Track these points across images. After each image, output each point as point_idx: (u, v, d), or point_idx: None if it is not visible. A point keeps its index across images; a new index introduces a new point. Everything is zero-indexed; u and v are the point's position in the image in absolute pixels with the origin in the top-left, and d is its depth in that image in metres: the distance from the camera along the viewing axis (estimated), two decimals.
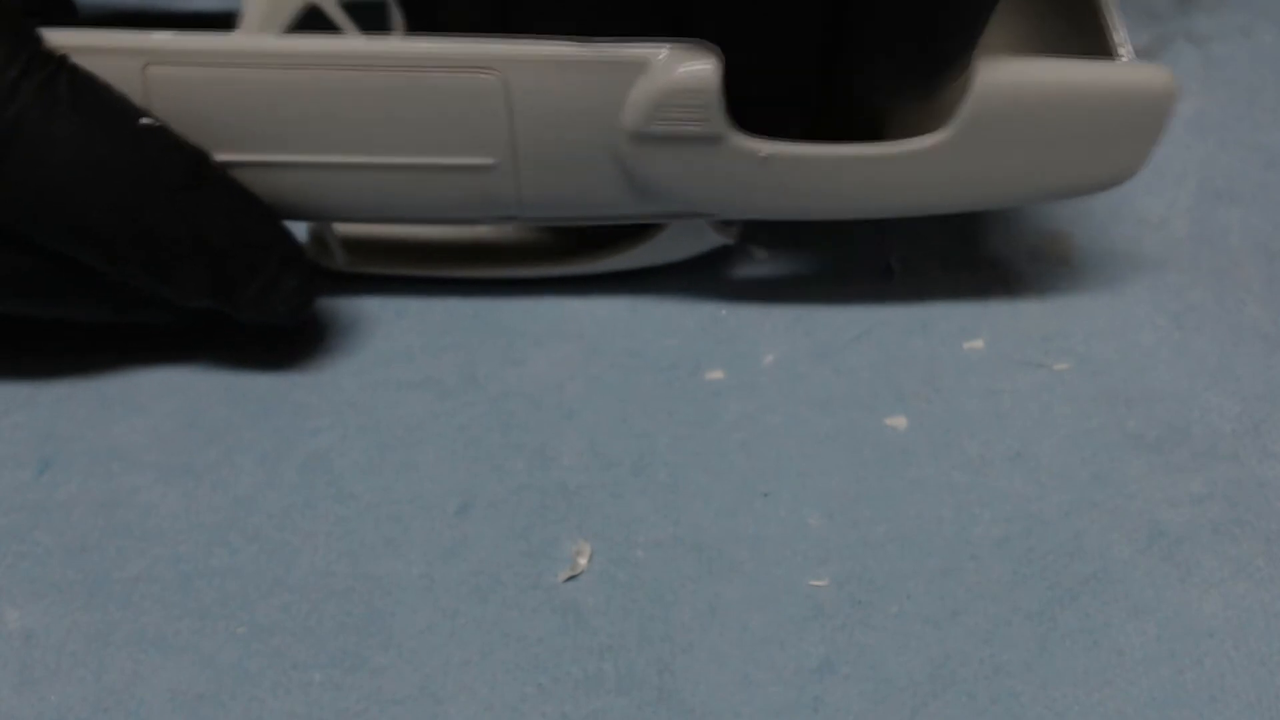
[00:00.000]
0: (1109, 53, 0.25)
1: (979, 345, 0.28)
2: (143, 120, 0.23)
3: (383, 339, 0.28)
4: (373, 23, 0.30)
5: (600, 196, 0.25)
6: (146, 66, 0.23)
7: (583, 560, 0.24)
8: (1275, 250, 0.29)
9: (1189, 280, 0.29)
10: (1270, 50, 0.34)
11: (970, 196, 0.25)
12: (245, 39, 0.23)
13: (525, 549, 0.24)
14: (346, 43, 0.23)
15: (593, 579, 0.24)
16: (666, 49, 0.23)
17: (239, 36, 0.24)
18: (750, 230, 0.30)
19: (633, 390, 0.27)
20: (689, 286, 0.29)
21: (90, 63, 0.23)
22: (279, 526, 0.25)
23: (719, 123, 0.24)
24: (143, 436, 0.26)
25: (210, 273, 0.24)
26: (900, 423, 0.26)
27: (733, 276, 0.29)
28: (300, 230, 0.28)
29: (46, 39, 0.23)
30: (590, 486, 0.25)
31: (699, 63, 0.23)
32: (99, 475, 0.25)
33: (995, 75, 0.24)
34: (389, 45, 0.23)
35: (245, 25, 0.27)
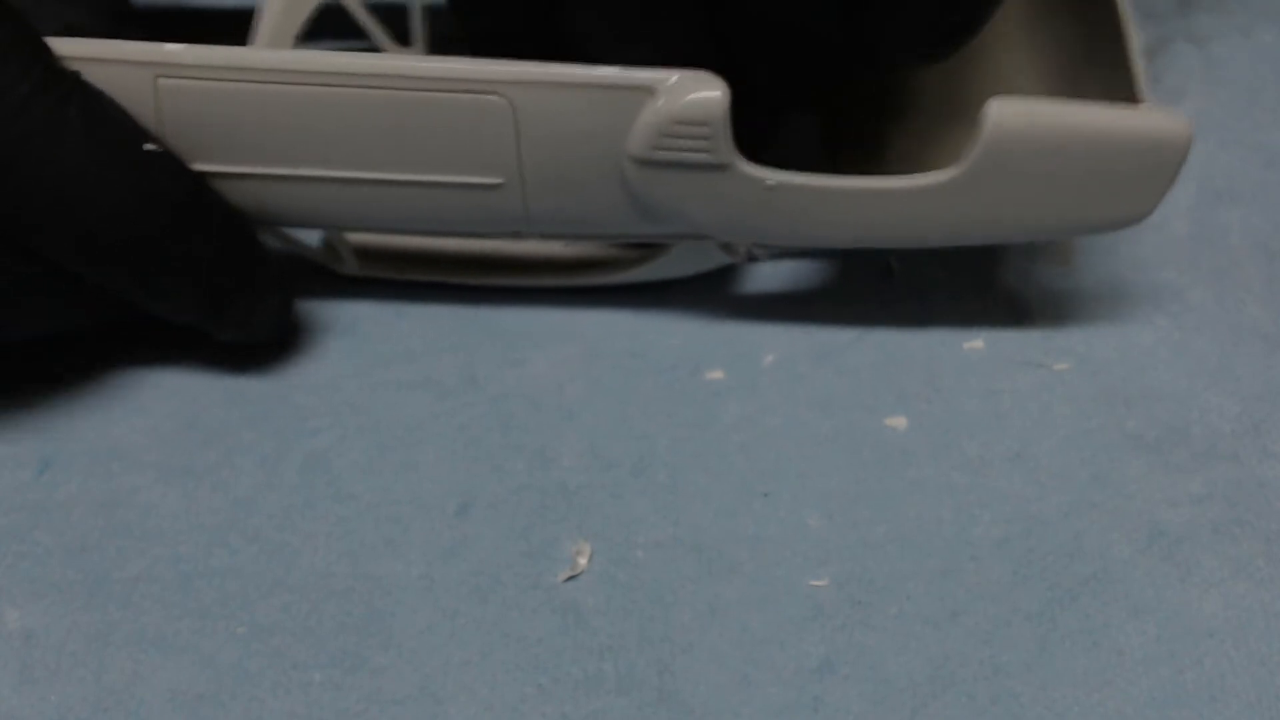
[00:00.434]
0: (1131, 93, 0.25)
1: (979, 345, 0.28)
2: (147, 146, 0.23)
3: (382, 340, 0.28)
4: (393, 23, 0.30)
5: (607, 216, 0.25)
6: (158, 78, 0.23)
7: (583, 560, 0.24)
8: (1275, 250, 0.29)
9: (1189, 280, 0.29)
10: (1270, 50, 0.34)
11: (977, 233, 0.25)
12: (256, 54, 0.24)
13: (525, 549, 0.24)
14: (357, 60, 0.23)
15: (593, 579, 0.24)
16: (675, 76, 0.23)
17: (250, 51, 0.24)
18: None
19: (633, 391, 0.27)
20: (689, 287, 0.29)
21: (101, 73, 0.23)
22: (279, 527, 0.25)
23: (725, 151, 0.24)
24: (143, 437, 0.26)
25: (201, 291, 0.25)
26: (900, 423, 0.26)
27: (732, 277, 0.29)
28: (312, 236, 0.29)
29: (57, 49, 0.23)
30: (590, 487, 0.25)
31: (706, 91, 0.23)
32: (99, 475, 0.25)
33: (1008, 114, 0.23)
34: (399, 64, 0.23)
35: (262, 24, 0.27)
